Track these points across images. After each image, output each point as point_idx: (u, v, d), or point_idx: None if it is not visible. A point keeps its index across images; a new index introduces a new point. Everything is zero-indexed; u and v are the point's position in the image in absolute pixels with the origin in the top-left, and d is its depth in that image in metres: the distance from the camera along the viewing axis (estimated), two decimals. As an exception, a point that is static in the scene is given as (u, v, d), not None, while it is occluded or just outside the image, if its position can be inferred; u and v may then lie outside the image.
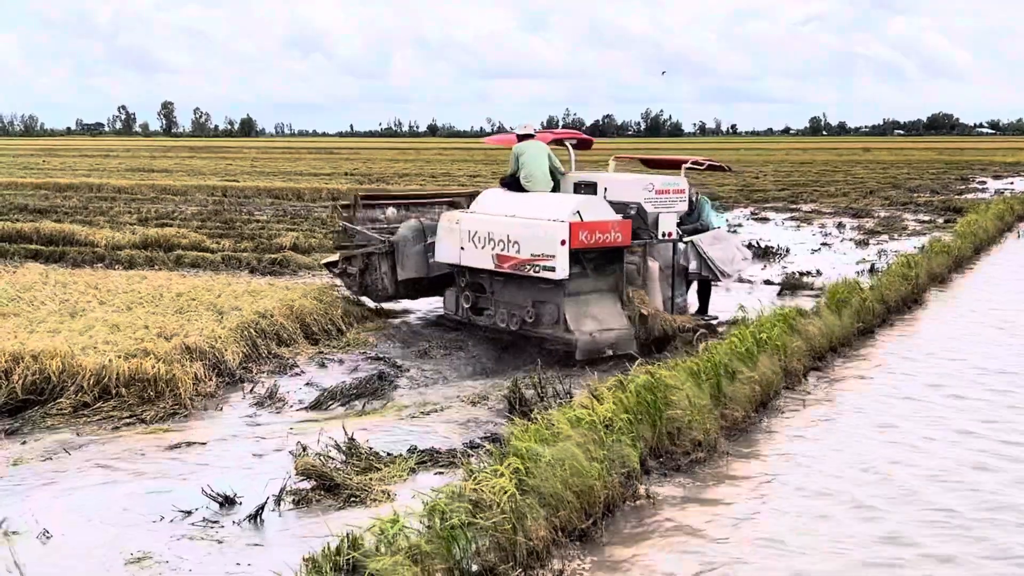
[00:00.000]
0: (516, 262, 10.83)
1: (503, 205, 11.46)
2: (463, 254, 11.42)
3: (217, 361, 9.84)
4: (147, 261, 18.02)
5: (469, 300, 11.72)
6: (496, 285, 11.45)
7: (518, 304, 11.22)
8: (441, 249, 11.83)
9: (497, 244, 11.00)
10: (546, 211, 10.89)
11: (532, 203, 11.33)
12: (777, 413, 9.00)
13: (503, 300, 11.40)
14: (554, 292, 10.84)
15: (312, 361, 10.85)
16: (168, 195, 35.47)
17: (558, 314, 10.86)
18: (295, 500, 6.69)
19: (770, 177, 50.69)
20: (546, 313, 10.97)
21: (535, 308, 11.04)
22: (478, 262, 11.29)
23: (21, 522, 6.34)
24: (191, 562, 5.83)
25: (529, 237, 10.71)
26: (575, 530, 6.03)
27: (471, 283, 11.71)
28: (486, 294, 11.59)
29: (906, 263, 15.37)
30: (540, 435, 6.43)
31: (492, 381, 10.10)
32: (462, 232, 11.40)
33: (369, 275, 12.78)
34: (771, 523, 6.52)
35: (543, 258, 10.56)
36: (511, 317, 11.25)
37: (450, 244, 11.61)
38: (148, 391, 8.91)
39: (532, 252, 10.67)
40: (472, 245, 11.30)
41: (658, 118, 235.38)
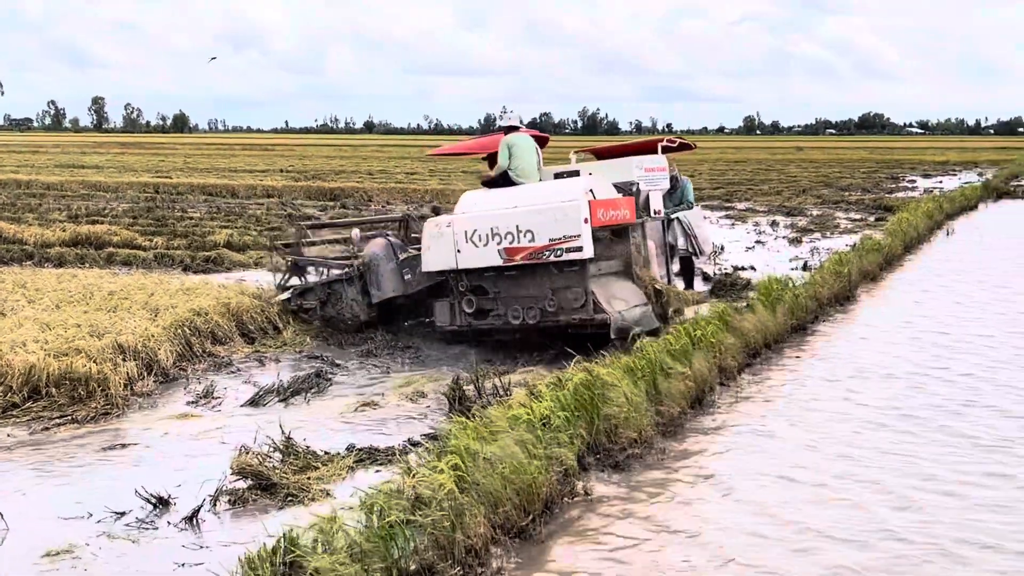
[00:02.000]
0: (531, 251, 10.64)
1: (499, 200, 11.18)
2: (460, 257, 11.03)
3: (150, 360, 9.72)
4: (77, 259, 17.73)
5: (472, 304, 11.23)
6: (503, 282, 11.09)
7: (534, 296, 10.95)
8: (431, 257, 11.27)
9: (504, 238, 10.75)
10: (557, 195, 10.81)
11: (535, 192, 11.16)
12: (712, 409, 9.11)
13: (514, 295, 11.06)
14: (578, 275, 10.68)
15: (248, 360, 10.76)
16: (99, 192, 34.94)
17: (585, 297, 10.69)
18: (231, 500, 6.63)
19: (705, 176, 51.18)
20: (570, 298, 10.76)
21: (556, 296, 10.83)
22: (481, 261, 10.96)
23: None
24: (125, 563, 5.76)
25: (545, 222, 10.56)
26: (514, 527, 6.05)
27: (471, 287, 11.25)
28: (489, 295, 11.17)
29: (838, 261, 15.62)
30: (479, 433, 6.45)
31: (432, 379, 10.09)
32: (456, 235, 11.02)
33: (332, 306, 12.13)
34: (705, 518, 6.60)
35: (565, 240, 10.45)
36: (527, 311, 10.95)
37: (441, 250, 11.16)
38: (79, 390, 8.77)
39: (551, 237, 10.53)
40: (471, 245, 10.95)
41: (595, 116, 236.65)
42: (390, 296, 11.84)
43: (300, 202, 32.39)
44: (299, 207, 30.08)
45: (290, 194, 35.04)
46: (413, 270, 11.68)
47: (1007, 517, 6.62)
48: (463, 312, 11.29)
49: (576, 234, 10.42)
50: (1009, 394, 9.62)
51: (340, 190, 35.96)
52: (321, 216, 25.88)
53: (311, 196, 34.79)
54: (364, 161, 64.21)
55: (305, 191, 36.09)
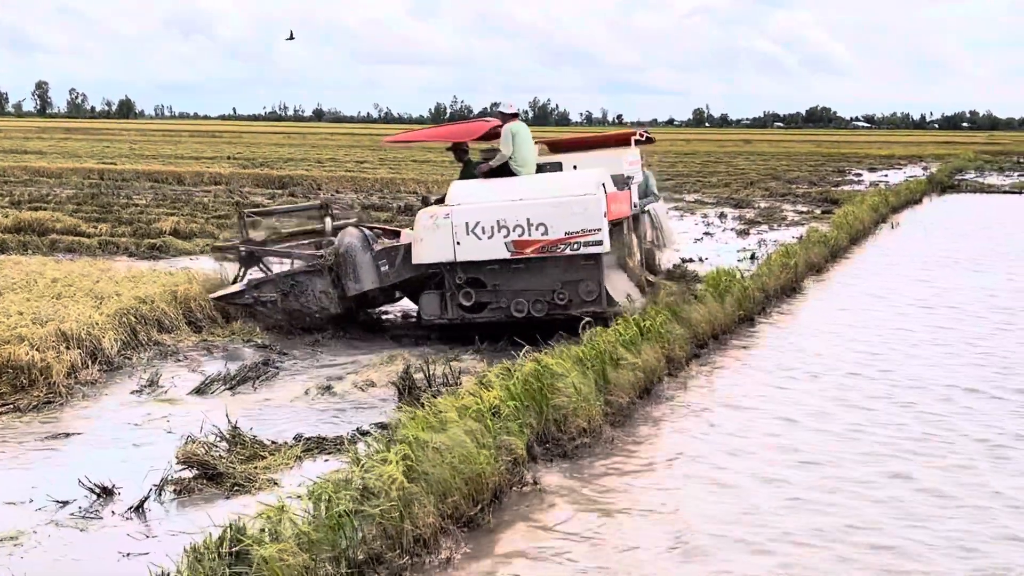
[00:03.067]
0: (544, 244, 10.56)
1: (501, 191, 10.97)
2: (459, 249, 10.76)
3: (95, 348, 9.58)
4: (20, 246, 17.44)
5: (471, 298, 10.98)
6: (504, 275, 10.87)
7: (540, 289, 10.85)
8: (424, 249, 10.92)
9: (513, 230, 10.60)
10: (570, 187, 10.73)
11: (543, 184, 11.07)
12: (660, 399, 9.17)
13: (517, 289, 10.87)
14: (592, 268, 10.68)
15: (195, 348, 10.66)
16: (42, 178, 34.41)
17: (599, 289, 10.71)
18: (177, 490, 6.56)
19: (654, 167, 51.37)
20: (582, 291, 10.74)
21: (567, 289, 10.77)
22: (484, 254, 10.76)
23: None
24: (68, 551, 5.68)
25: (561, 215, 10.50)
26: (463, 516, 6.05)
27: (468, 279, 11.05)
28: (488, 288, 10.96)
29: (785, 252, 15.77)
30: (428, 422, 6.44)
31: (382, 367, 10.05)
32: (455, 226, 10.73)
33: (296, 299, 11.55)
34: (652, 505, 6.65)
35: (584, 234, 10.45)
36: (534, 304, 10.84)
37: (437, 242, 10.81)
38: (21, 379, 8.64)
39: (568, 230, 10.49)
40: (472, 237, 10.70)
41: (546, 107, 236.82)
42: (368, 289, 11.46)
43: (248, 190, 32.08)
44: (247, 195, 29.79)
45: (237, 181, 34.70)
46: (391, 262, 11.34)
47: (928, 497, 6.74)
48: (457, 305, 11.05)
49: (596, 228, 10.46)
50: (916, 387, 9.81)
51: (289, 178, 35.67)
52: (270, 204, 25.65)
53: (259, 184, 34.49)
54: (313, 149, 63.74)
55: (253, 179, 35.76)
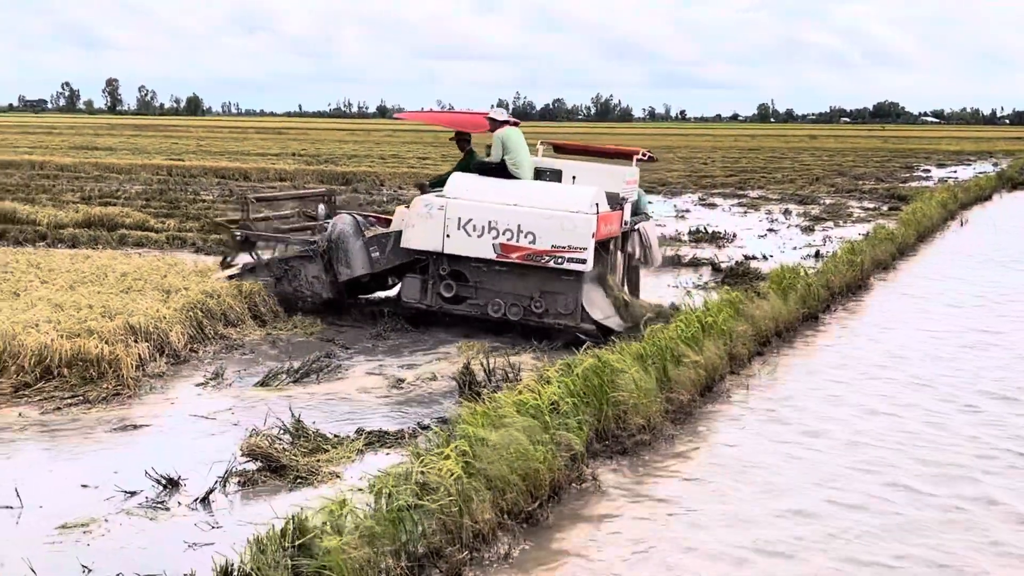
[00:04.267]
0: (529, 252, 10.75)
1: (497, 193, 11.14)
2: (448, 241, 11.05)
3: (162, 341, 9.74)
4: (90, 240, 17.77)
5: (451, 289, 11.27)
6: (486, 274, 11.12)
7: (519, 294, 11.06)
8: (414, 235, 11.23)
9: (502, 233, 10.82)
10: (564, 202, 10.86)
11: (540, 192, 11.21)
12: (722, 397, 9.11)
13: (497, 289, 11.13)
14: (572, 283, 10.87)
15: (260, 342, 10.78)
16: (112, 174, 34.97)
17: (575, 305, 10.90)
18: (241, 481, 6.66)
19: (718, 163, 51.08)
20: (559, 304, 10.93)
21: (544, 299, 10.97)
22: (470, 251, 11.01)
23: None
24: (136, 540, 5.79)
25: (551, 228, 10.68)
26: (521, 512, 6.07)
27: (451, 271, 11.26)
28: (470, 283, 11.22)
29: (851, 249, 15.59)
30: (487, 417, 6.46)
31: (443, 362, 10.11)
32: (448, 219, 11.00)
33: (289, 283, 11.94)
34: (713, 504, 6.61)
35: (570, 250, 10.61)
36: (510, 307, 11.07)
37: (428, 230, 11.11)
38: (91, 371, 8.79)
39: (554, 243, 10.66)
40: (463, 233, 10.97)
41: (608, 103, 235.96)
42: (359, 275, 11.71)
43: (312, 186, 32.36)
44: None
45: (302, 178, 35.04)
46: (382, 249, 11.58)
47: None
48: (437, 294, 11.34)
49: (582, 247, 10.61)
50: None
51: (352, 174, 35.95)
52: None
53: (323, 180, 34.77)
54: (376, 146, 64.18)
55: (317, 175, 36.08)
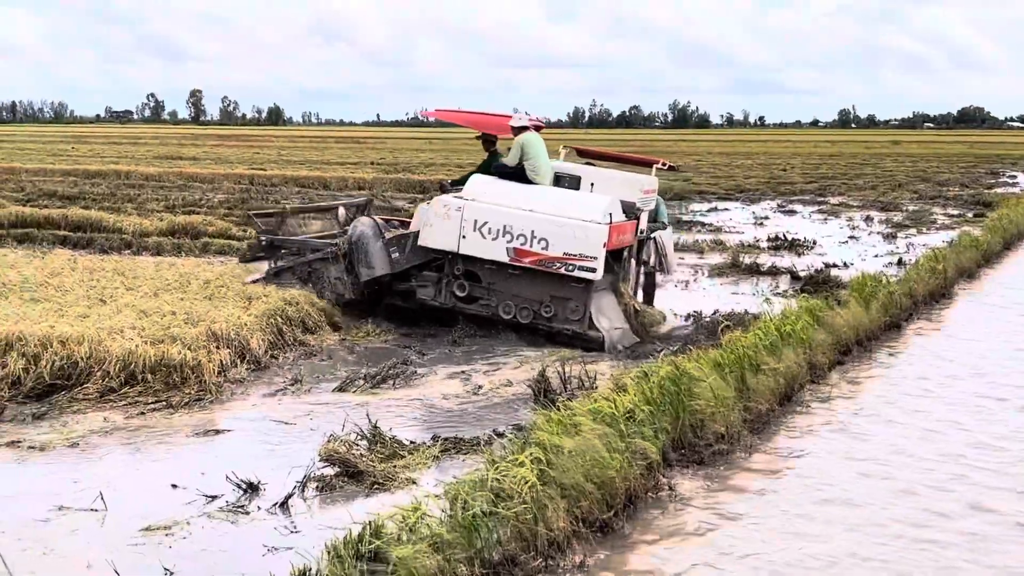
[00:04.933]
0: (541, 258, 10.95)
1: (514, 197, 11.36)
2: (463, 242, 11.31)
3: (243, 348, 9.89)
4: (174, 248, 18.13)
5: (464, 289, 11.56)
6: (500, 277, 11.36)
7: (529, 298, 11.29)
8: (431, 234, 11.50)
9: (516, 238, 11.04)
10: (578, 210, 11.03)
11: (555, 199, 11.37)
12: (802, 407, 8.97)
13: (508, 292, 11.38)
14: (581, 290, 11.07)
15: (337, 348, 10.90)
16: (196, 183, 35.59)
17: (583, 311, 11.07)
18: (319, 486, 6.72)
19: (797, 170, 50.44)
20: (568, 309, 11.13)
21: (554, 304, 11.17)
22: (485, 253, 11.24)
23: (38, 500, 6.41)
24: (217, 542, 5.88)
25: (563, 236, 10.88)
26: (596, 521, 6.03)
27: (465, 271, 11.54)
28: (483, 284, 11.48)
29: (934, 257, 15.28)
30: (562, 425, 6.44)
31: (519, 368, 10.11)
32: (464, 220, 11.26)
33: (313, 284, 12.23)
34: (793, 517, 6.50)
35: (580, 258, 10.81)
36: (520, 310, 11.33)
37: (445, 231, 11.38)
38: (174, 376, 8.96)
39: (566, 251, 10.87)
40: (478, 235, 11.22)
41: (685, 109, 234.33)
42: (379, 275, 11.92)
43: (390, 194, 32.66)
44: (389, 199, 30.32)
45: (380, 186, 35.37)
46: (401, 249, 11.82)
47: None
48: (451, 293, 11.62)
49: (593, 256, 10.83)
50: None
51: (430, 182, 36.18)
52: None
53: (401, 188, 35.07)
54: (454, 154, 64.52)
55: (395, 183, 36.38)
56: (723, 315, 11.82)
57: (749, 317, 11.51)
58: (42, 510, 6.30)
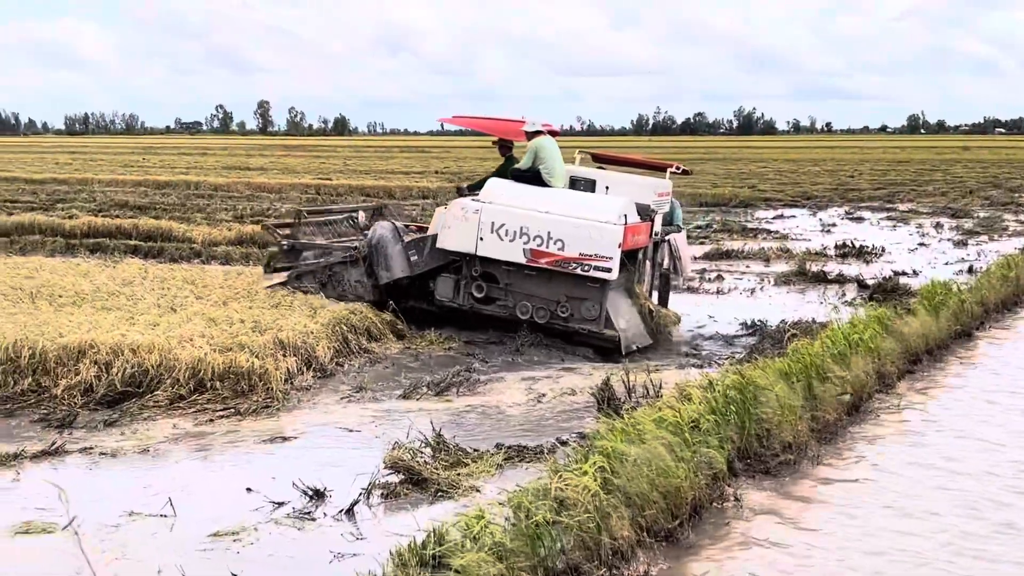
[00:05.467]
0: (558, 259, 11.16)
1: (530, 200, 11.57)
2: (481, 244, 11.53)
3: (309, 355, 10.00)
4: (243, 257, 18.36)
5: (482, 290, 11.75)
6: (517, 277, 11.57)
7: (546, 298, 11.48)
8: (449, 237, 11.74)
9: (533, 239, 11.24)
10: (593, 212, 11.26)
11: (571, 201, 11.61)
12: (870, 417, 8.83)
13: (526, 292, 11.58)
14: (597, 290, 11.24)
15: (401, 355, 10.97)
16: (263, 193, 36.02)
17: (600, 311, 11.27)
18: (384, 494, 6.76)
19: (865, 176, 49.77)
20: (584, 309, 11.31)
21: (570, 304, 11.35)
22: (502, 254, 11.44)
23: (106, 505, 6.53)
24: (284, 548, 5.95)
25: (579, 237, 11.08)
26: (661, 530, 6.00)
27: (483, 273, 11.73)
28: (500, 285, 11.68)
29: (1006, 264, 14.98)
30: (626, 434, 6.41)
31: (582, 376, 10.10)
32: (481, 223, 11.47)
33: (333, 288, 12.43)
34: (860, 530, 6.41)
35: (596, 259, 11.00)
36: (537, 310, 11.50)
37: (462, 233, 11.60)
38: (242, 384, 9.09)
39: (582, 251, 11.06)
40: (495, 237, 11.42)
41: (751, 116, 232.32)
42: (399, 277, 12.11)
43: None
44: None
45: (444, 195, 35.53)
46: (420, 252, 12.04)
47: None
48: (469, 294, 11.82)
49: (609, 256, 11.00)
50: None
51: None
52: None
53: (465, 197, 35.11)
54: (517, 162, 64.51)
55: (459, 192, 36.45)
56: (790, 324, 11.70)
57: (816, 326, 11.38)
58: (114, 515, 6.42)
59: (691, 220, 27.35)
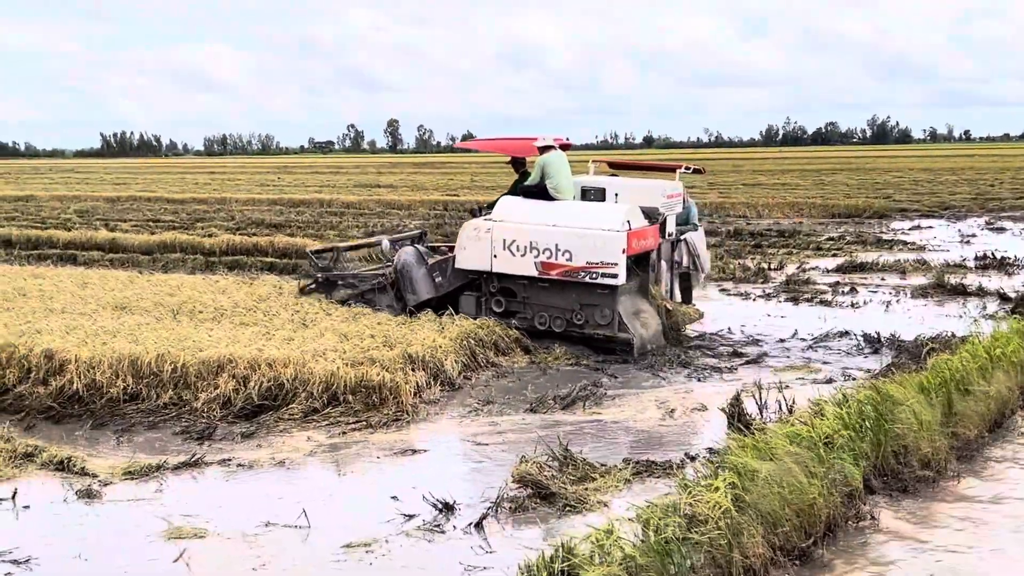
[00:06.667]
0: (567, 269, 11.63)
1: (538, 214, 12.03)
2: (495, 261, 12.06)
3: (438, 369, 10.13)
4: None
5: (501, 305, 12.18)
6: (533, 290, 12.03)
7: (561, 307, 11.91)
8: (466, 257, 12.31)
9: (542, 252, 11.74)
10: (597, 221, 11.68)
11: (575, 213, 12.03)
12: (1013, 434, 8.49)
13: (542, 303, 12.02)
14: (608, 296, 11.64)
15: (528, 369, 11.02)
16: (393, 209, 36.67)
17: (612, 316, 11.66)
18: (512, 507, 6.80)
19: (1007, 185, 47.96)
20: (597, 315, 11.73)
21: (584, 311, 11.78)
22: (515, 269, 11.95)
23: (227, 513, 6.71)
24: (415, 560, 6.03)
25: (584, 246, 11.53)
26: (794, 549, 5.87)
27: (501, 288, 12.19)
28: (518, 299, 12.13)
29: None
30: (757, 450, 6.31)
31: (712, 391, 9.97)
32: (494, 241, 12.03)
33: None
34: (1000, 550, 6.17)
35: (603, 265, 11.45)
36: (554, 319, 11.96)
37: (478, 252, 12.17)
38: (373, 397, 9.26)
39: (588, 260, 11.51)
40: (508, 253, 11.95)
41: (885, 125, 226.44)
42: (425, 299, 12.56)
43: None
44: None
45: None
46: (443, 273, 12.60)
47: None
48: (490, 309, 12.26)
49: (614, 262, 11.44)
50: None
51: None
52: None
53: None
54: (644, 176, 64.27)
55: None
56: (927, 338, 11.34)
57: (956, 340, 11.01)
58: (251, 525, 6.61)
59: (823, 232, 26.80)
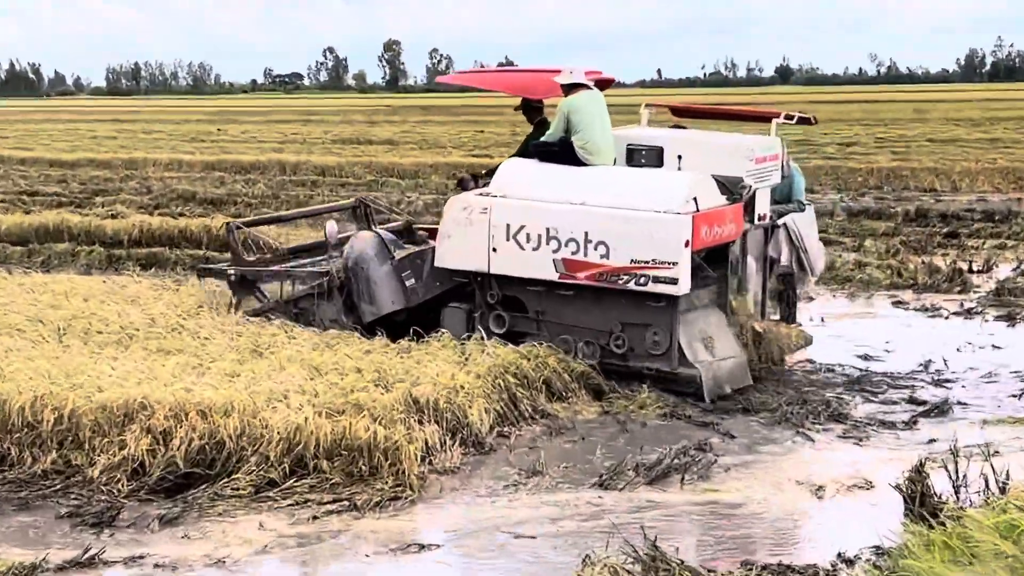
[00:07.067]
0: (603, 270, 11.39)
1: (561, 187, 11.68)
2: (495, 258, 11.84)
3: (457, 422, 10.10)
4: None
5: (503, 324, 11.91)
6: (551, 302, 11.82)
7: (592, 328, 11.65)
8: (451, 250, 12.09)
9: (565, 244, 11.49)
10: (648, 197, 11.34)
11: (616, 185, 11.72)
12: None
13: (563, 322, 11.84)
14: (661, 311, 11.46)
15: (597, 423, 10.98)
16: (392, 178, 36.22)
17: (669, 341, 11.48)
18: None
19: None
20: (646, 340, 11.53)
21: (627, 333, 11.44)
22: (524, 270, 11.79)
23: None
24: None
25: (628, 236, 11.29)
26: None
27: (504, 298, 11.88)
28: (528, 314, 11.85)
29: None
30: (951, 549, 6.27)
31: (883, 462, 9.87)
32: (493, 225, 11.69)
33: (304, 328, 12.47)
34: None
35: (655, 266, 11.16)
36: (585, 346, 11.76)
37: (468, 243, 11.90)
38: (359, 464, 9.23)
39: (635, 257, 11.24)
40: (513, 245, 11.71)
41: None
42: (389, 311, 12.40)
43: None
44: None
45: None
46: (417, 274, 12.20)
47: None
48: (485, 328, 12.00)
49: (672, 261, 11.13)
50: None
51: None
52: None
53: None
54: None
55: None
56: None
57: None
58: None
59: None
